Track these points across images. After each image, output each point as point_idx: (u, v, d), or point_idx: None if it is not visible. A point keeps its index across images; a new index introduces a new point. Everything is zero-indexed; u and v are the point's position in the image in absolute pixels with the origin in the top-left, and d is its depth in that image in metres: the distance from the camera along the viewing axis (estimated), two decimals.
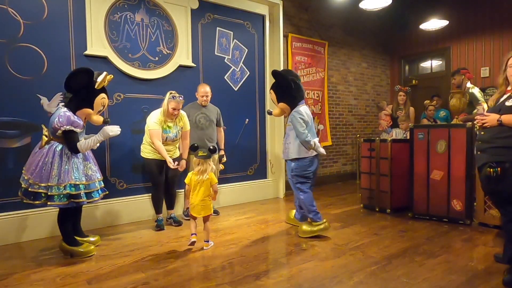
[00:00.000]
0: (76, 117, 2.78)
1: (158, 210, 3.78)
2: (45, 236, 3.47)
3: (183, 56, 4.40)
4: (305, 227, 3.41)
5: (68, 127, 2.69)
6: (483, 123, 2.58)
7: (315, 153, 3.41)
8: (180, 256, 2.92)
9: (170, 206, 3.92)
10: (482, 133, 2.61)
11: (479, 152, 2.63)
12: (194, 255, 2.93)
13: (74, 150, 2.78)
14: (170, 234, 3.54)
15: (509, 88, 2.62)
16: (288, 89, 3.40)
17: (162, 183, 3.73)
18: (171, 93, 3.54)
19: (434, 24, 5.81)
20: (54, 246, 3.19)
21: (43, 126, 2.89)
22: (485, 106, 4.20)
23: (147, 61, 4.13)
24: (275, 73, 3.47)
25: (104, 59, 3.81)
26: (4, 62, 3.30)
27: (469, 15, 6.37)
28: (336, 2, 5.87)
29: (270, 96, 3.69)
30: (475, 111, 4.31)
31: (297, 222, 3.66)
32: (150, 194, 3.89)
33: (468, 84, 4.45)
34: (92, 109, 2.89)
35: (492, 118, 2.53)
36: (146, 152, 3.68)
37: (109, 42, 3.85)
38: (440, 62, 7.07)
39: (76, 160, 2.80)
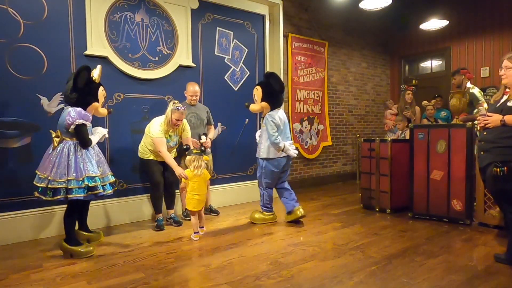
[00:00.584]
0: (85, 111, 2.93)
1: (157, 210, 3.79)
2: (45, 236, 3.48)
3: (183, 56, 4.40)
4: (257, 215, 3.87)
5: (80, 121, 2.84)
6: (486, 124, 2.59)
7: (284, 154, 3.70)
8: (180, 256, 2.92)
9: (170, 206, 3.93)
10: (485, 133, 2.62)
11: (482, 152, 2.64)
12: (194, 255, 2.93)
13: (87, 144, 2.92)
14: (170, 234, 3.54)
15: (507, 90, 2.63)
16: (277, 93, 3.73)
17: (162, 183, 3.74)
18: (174, 103, 3.57)
19: (434, 24, 5.81)
20: (54, 246, 3.20)
21: (51, 131, 2.96)
22: (485, 106, 4.19)
23: (147, 61, 4.13)
24: (274, 75, 3.75)
25: (104, 59, 3.81)
26: (4, 62, 3.29)
27: (469, 15, 6.37)
28: (336, 2, 5.86)
29: (254, 91, 3.83)
30: (476, 111, 4.30)
31: (294, 217, 3.81)
32: (149, 194, 3.89)
33: (468, 84, 4.45)
34: (98, 102, 3.06)
35: (495, 119, 2.54)
36: (144, 153, 3.71)
37: (109, 42, 3.84)
38: (440, 62, 7.07)
39: (89, 155, 2.94)
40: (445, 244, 3.12)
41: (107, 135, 3.30)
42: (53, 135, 2.92)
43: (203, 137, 3.91)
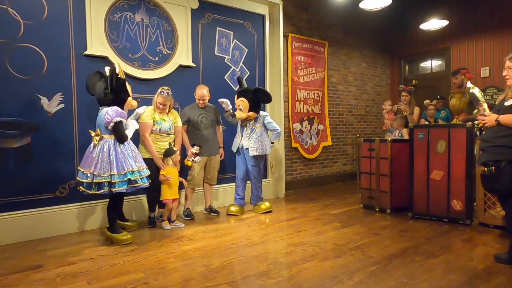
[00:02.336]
0: (121, 110, 3.17)
1: (153, 208, 3.87)
2: (45, 236, 3.47)
3: (183, 56, 4.40)
4: (263, 206, 4.37)
5: (118, 118, 3.09)
6: (484, 124, 2.61)
7: None
8: (180, 256, 2.92)
9: (161, 206, 3.96)
10: (484, 132, 2.67)
11: (480, 151, 2.67)
12: (194, 255, 2.93)
13: (124, 139, 3.18)
14: (170, 234, 3.54)
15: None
16: (261, 104, 4.32)
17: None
18: (162, 88, 3.74)
19: (434, 24, 5.80)
20: (54, 246, 3.21)
21: (90, 131, 3.21)
22: (485, 106, 4.20)
23: (147, 61, 4.13)
24: (262, 91, 4.23)
25: (104, 59, 3.81)
26: (4, 62, 3.30)
27: (469, 15, 6.37)
28: (336, 2, 5.86)
29: (239, 102, 4.15)
30: (475, 111, 4.31)
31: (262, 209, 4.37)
32: (146, 194, 3.91)
33: (468, 84, 4.45)
34: (130, 96, 3.31)
35: (491, 118, 2.57)
36: (143, 152, 3.72)
37: (109, 42, 3.85)
38: (440, 62, 7.06)
39: (128, 151, 3.20)
40: (445, 244, 3.12)
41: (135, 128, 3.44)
42: (93, 134, 3.16)
43: (196, 147, 3.96)
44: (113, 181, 3.04)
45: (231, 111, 4.22)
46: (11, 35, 3.32)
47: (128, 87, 3.32)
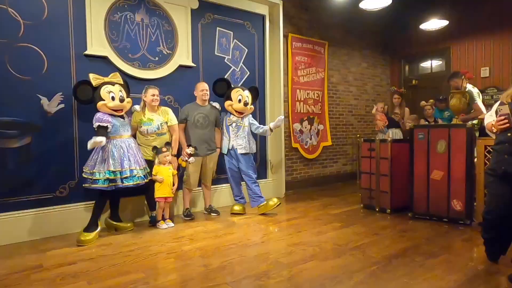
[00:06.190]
0: (102, 114, 3.33)
1: (153, 207, 3.87)
2: (45, 236, 3.47)
3: (183, 56, 4.40)
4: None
5: (96, 124, 3.30)
6: (507, 126, 2.41)
7: None
8: (180, 256, 2.92)
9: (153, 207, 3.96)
10: (509, 134, 2.43)
11: (506, 156, 2.45)
12: (194, 255, 2.93)
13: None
14: (170, 234, 3.54)
15: None
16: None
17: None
18: (146, 87, 3.89)
19: (434, 24, 5.81)
20: (54, 246, 3.20)
21: None
22: (482, 106, 4.20)
23: (147, 61, 4.13)
24: (255, 87, 4.58)
25: (104, 59, 3.81)
26: (4, 62, 3.29)
27: (469, 15, 6.36)
28: (336, 2, 5.85)
29: (247, 93, 4.29)
30: (472, 111, 4.31)
31: (264, 208, 4.24)
32: (145, 194, 3.90)
33: (468, 85, 4.45)
34: (103, 100, 3.35)
35: None
36: (145, 154, 3.73)
37: (109, 42, 3.85)
38: (440, 62, 7.06)
39: (113, 151, 3.34)
40: (445, 244, 3.12)
41: (102, 143, 3.25)
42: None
43: (191, 148, 3.97)
44: (93, 178, 3.26)
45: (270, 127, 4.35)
46: (11, 35, 3.32)
47: (105, 91, 3.34)
